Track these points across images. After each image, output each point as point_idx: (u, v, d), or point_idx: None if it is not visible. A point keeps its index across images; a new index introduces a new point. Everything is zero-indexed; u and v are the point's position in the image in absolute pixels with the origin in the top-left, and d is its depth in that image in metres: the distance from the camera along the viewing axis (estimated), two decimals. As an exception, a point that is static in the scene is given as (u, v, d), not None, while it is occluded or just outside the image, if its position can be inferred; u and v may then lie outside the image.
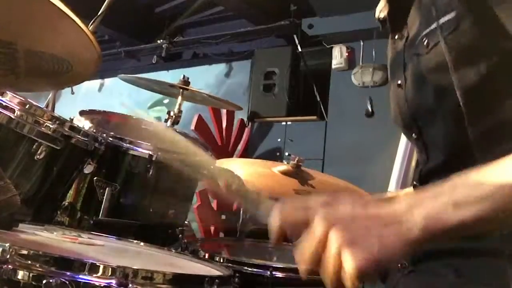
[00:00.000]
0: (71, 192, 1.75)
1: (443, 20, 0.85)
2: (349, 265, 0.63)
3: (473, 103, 0.83)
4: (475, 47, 0.82)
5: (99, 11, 2.00)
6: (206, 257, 1.38)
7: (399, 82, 1.00)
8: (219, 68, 5.44)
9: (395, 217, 0.67)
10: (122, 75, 2.61)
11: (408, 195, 0.72)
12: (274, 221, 0.72)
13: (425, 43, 0.89)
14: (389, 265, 0.67)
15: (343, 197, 0.71)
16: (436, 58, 0.85)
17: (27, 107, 1.47)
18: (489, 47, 0.82)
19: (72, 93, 2.76)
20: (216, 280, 0.96)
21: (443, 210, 0.66)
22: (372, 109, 3.64)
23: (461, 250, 0.84)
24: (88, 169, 1.69)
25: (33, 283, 0.81)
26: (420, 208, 0.67)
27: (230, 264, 1.33)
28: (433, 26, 0.87)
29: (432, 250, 0.87)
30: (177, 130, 2.33)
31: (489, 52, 0.82)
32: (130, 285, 0.84)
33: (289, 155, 4.14)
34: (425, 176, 0.97)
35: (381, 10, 1.09)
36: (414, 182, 1.01)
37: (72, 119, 1.78)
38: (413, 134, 0.99)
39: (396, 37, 1.02)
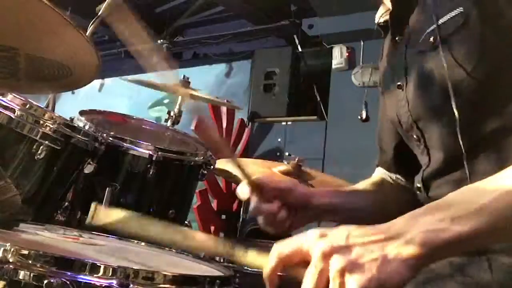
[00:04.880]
0: (71, 192, 1.74)
1: (448, 16, 0.85)
2: None
3: (481, 101, 0.83)
4: (483, 44, 0.81)
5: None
6: (207, 257, 1.38)
7: (399, 83, 0.99)
8: (219, 68, 5.44)
9: (393, 236, 0.66)
10: (123, 76, 2.61)
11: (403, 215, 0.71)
12: (271, 265, 0.71)
13: (430, 40, 0.88)
14: (395, 285, 0.64)
15: (336, 227, 0.69)
16: (443, 55, 0.84)
17: (27, 107, 1.47)
18: (497, 43, 0.81)
19: (73, 93, 2.77)
20: (217, 281, 0.96)
21: (441, 224, 0.66)
22: (367, 113, 3.60)
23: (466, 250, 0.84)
24: (88, 169, 1.69)
25: (34, 283, 0.81)
26: (417, 224, 0.67)
27: (230, 264, 1.33)
28: (438, 22, 0.86)
29: None
30: (177, 130, 2.33)
31: (497, 48, 0.81)
32: (131, 285, 0.84)
33: (289, 155, 4.14)
34: (428, 178, 0.96)
35: (382, 15, 1.09)
36: (418, 185, 1.00)
37: (72, 119, 1.79)
38: (414, 136, 0.98)
39: (397, 38, 1.02)
